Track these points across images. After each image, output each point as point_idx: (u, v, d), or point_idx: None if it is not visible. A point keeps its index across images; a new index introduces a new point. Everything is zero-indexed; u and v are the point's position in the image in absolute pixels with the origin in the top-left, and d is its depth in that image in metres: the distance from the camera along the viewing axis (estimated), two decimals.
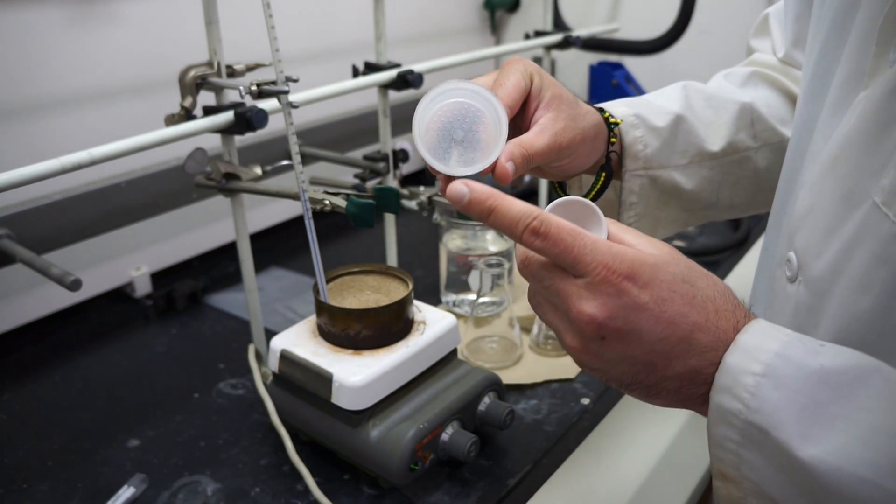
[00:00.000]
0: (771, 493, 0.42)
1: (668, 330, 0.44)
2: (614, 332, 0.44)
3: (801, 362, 0.42)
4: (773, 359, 0.42)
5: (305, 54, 1.33)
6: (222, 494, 0.74)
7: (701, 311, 0.44)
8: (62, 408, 0.90)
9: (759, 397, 0.41)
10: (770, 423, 0.41)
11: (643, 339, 0.44)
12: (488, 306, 1.00)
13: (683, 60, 1.66)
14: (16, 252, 0.79)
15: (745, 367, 0.42)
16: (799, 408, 0.40)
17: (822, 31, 0.57)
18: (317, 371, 0.73)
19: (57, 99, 1.00)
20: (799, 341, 0.43)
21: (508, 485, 0.74)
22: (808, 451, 0.39)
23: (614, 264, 0.43)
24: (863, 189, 0.46)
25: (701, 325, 0.44)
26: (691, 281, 0.44)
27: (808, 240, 0.51)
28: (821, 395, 0.40)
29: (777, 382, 0.41)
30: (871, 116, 0.46)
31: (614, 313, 0.44)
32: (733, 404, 0.42)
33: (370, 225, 0.74)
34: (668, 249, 0.46)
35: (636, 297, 0.43)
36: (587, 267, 0.44)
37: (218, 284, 1.19)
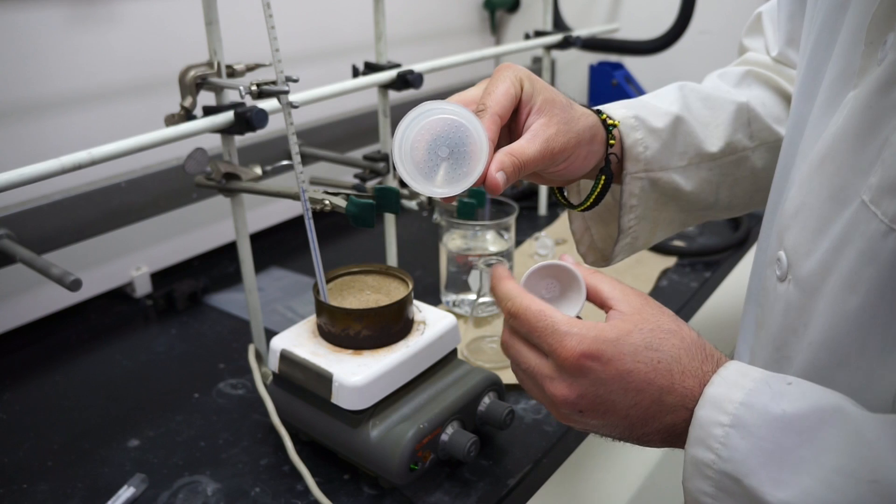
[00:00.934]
0: None
1: (638, 397, 0.47)
2: (589, 407, 0.48)
3: (765, 409, 0.43)
4: (738, 408, 0.44)
5: (305, 54, 1.33)
6: (222, 494, 0.74)
7: (665, 376, 0.47)
8: (62, 408, 0.90)
9: (729, 447, 0.43)
10: (741, 470, 0.43)
11: (617, 408, 0.48)
12: (488, 306, 1.00)
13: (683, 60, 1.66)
14: (16, 252, 0.79)
15: (714, 418, 0.44)
16: (766, 454, 0.42)
17: (814, 31, 0.57)
18: (317, 371, 0.73)
19: (57, 99, 1.00)
20: (766, 385, 0.45)
21: (508, 485, 0.74)
22: (777, 497, 0.41)
23: (576, 346, 0.47)
24: (851, 188, 0.46)
25: (667, 388, 0.47)
26: (655, 346, 0.47)
27: (797, 239, 0.51)
28: (786, 441, 0.42)
29: (743, 431, 0.43)
30: (860, 115, 0.46)
31: (584, 391, 0.47)
32: (706, 455, 0.44)
33: (370, 225, 0.74)
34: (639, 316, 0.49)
35: (601, 374, 0.47)
36: (551, 348, 0.48)
37: (218, 284, 1.19)
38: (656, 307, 0.50)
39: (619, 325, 0.48)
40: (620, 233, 0.69)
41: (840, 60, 0.51)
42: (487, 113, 0.54)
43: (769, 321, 0.55)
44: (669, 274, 1.17)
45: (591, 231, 0.75)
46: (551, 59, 1.44)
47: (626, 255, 0.72)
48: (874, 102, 0.45)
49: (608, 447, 0.81)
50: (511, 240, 1.08)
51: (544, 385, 0.50)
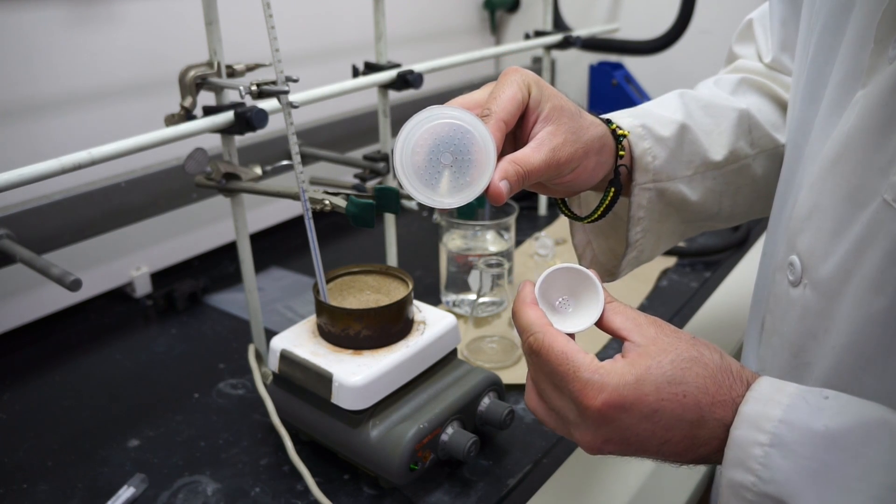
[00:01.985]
0: None
1: (668, 435, 0.45)
2: (616, 450, 0.47)
3: (806, 426, 0.41)
4: (777, 427, 0.42)
5: (305, 54, 1.33)
6: (222, 494, 0.74)
7: (694, 410, 0.44)
8: (62, 408, 0.90)
9: (770, 468, 0.41)
10: (785, 492, 0.41)
11: (647, 447, 0.46)
12: (488, 306, 1.00)
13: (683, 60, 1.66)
14: (16, 252, 0.79)
15: (752, 438, 0.43)
16: (811, 474, 0.40)
17: (815, 34, 0.56)
18: (317, 371, 0.73)
19: (57, 99, 1.00)
20: (802, 400, 0.43)
21: (508, 485, 0.74)
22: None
23: (597, 395, 0.45)
24: (869, 187, 0.45)
25: (698, 422, 0.45)
26: (678, 379, 0.45)
27: (812, 242, 0.50)
28: (831, 459, 0.40)
29: (785, 451, 0.41)
30: (873, 114, 0.45)
31: (609, 437, 0.46)
32: (745, 477, 0.42)
33: (370, 225, 0.74)
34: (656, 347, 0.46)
35: (626, 421, 0.45)
36: (573, 396, 0.46)
37: (218, 284, 1.19)
38: (672, 333, 0.48)
39: (637, 362, 0.45)
40: (627, 246, 0.67)
41: (847, 61, 0.50)
42: (492, 118, 0.51)
43: (783, 327, 0.55)
44: (669, 274, 1.17)
45: (592, 245, 0.72)
46: (551, 59, 1.44)
47: (632, 268, 0.70)
48: (889, 100, 0.44)
49: None
50: (511, 240, 1.08)
51: (570, 430, 0.48)
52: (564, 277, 0.52)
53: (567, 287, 0.52)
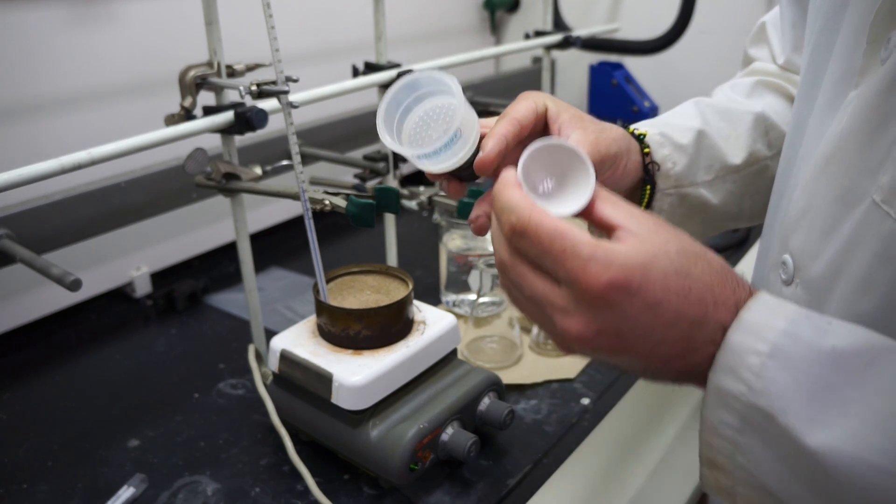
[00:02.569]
0: (766, 482, 0.40)
1: (667, 333, 0.41)
2: (605, 347, 0.42)
3: (811, 342, 0.39)
4: (780, 337, 0.39)
5: (305, 54, 1.33)
6: (222, 494, 0.74)
7: (698, 307, 0.40)
8: (62, 408, 0.90)
9: (765, 379, 0.39)
10: (775, 407, 0.38)
11: (638, 346, 0.42)
12: (488, 306, 1.00)
13: (683, 60, 1.66)
14: (16, 252, 0.79)
15: (750, 346, 0.39)
16: (808, 392, 0.38)
17: (814, 34, 0.57)
18: (317, 371, 0.73)
19: (57, 99, 1.00)
20: (807, 318, 0.40)
21: (508, 485, 0.74)
22: (817, 438, 0.37)
23: (600, 272, 0.39)
24: (860, 188, 0.45)
25: (699, 322, 0.41)
26: (685, 272, 0.41)
27: (804, 241, 0.51)
28: (832, 379, 0.38)
29: (785, 363, 0.39)
30: (865, 114, 0.45)
31: (604, 327, 0.41)
32: (735, 386, 0.40)
33: (370, 225, 0.74)
34: (659, 237, 0.42)
35: (627, 309, 0.40)
36: (570, 275, 0.40)
37: (218, 284, 1.19)
38: (669, 226, 0.43)
39: (642, 248, 0.40)
40: None
41: (840, 61, 0.50)
42: (506, 118, 0.52)
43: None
44: None
45: None
46: (551, 59, 1.44)
47: None
48: (881, 101, 0.44)
49: (608, 447, 0.81)
50: None
51: (554, 318, 0.42)
52: (549, 157, 0.46)
53: (552, 169, 0.47)
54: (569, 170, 0.46)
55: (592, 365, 0.94)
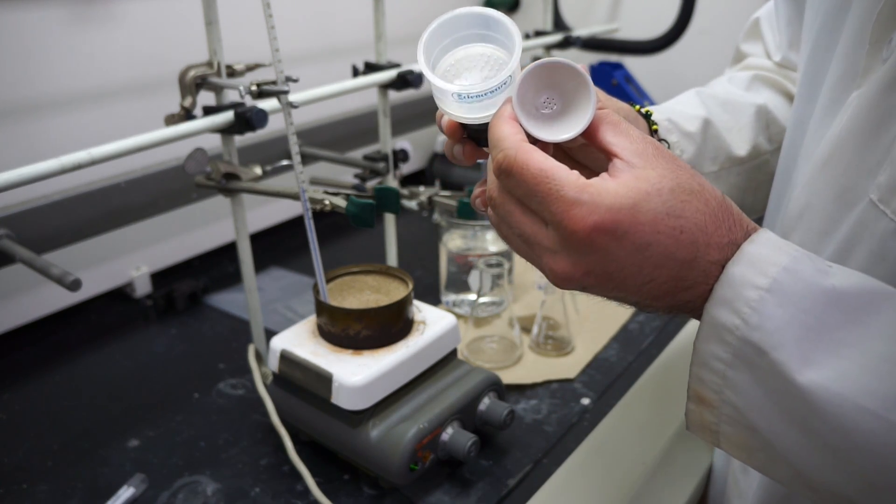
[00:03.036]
0: (753, 419, 0.39)
1: (655, 273, 0.40)
2: (595, 283, 0.41)
3: (812, 280, 0.38)
4: (780, 273, 0.38)
5: (305, 54, 1.33)
6: (222, 494, 0.74)
7: (689, 248, 0.39)
8: (62, 408, 0.90)
9: (761, 313, 0.38)
10: (769, 342, 0.38)
11: (627, 284, 0.41)
12: (488, 306, 1.00)
13: (683, 60, 1.66)
14: (16, 252, 0.79)
15: (750, 279, 0.39)
16: (803, 329, 0.37)
17: (813, 32, 0.57)
18: (317, 371, 0.73)
19: (57, 99, 1.00)
20: (808, 258, 0.40)
21: (508, 485, 0.74)
22: (808, 376, 0.36)
23: (586, 217, 0.39)
24: (858, 188, 0.45)
25: (689, 263, 0.40)
26: (677, 212, 0.39)
27: (802, 241, 0.51)
28: (829, 318, 0.37)
29: (783, 299, 0.38)
30: (865, 114, 0.46)
31: (591, 268, 0.40)
32: (730, 319, 0.39)
33: (370, 225, 0.74)
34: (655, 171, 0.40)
35: (614, 250, 0.39)
36: (555, 218, 0.40)
37: (218, 284, 1.19)
38: (670, 157, 0.42)
39: (633, 186, 0.39)
40: None
41: (842, 61, 0.51)
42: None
43: None
44: None
45: None
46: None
47: None
48: (880, 101, 0.44)
49: (609, 447, 0.81)
50: None
51: (543, 257, 0.42)
52: (551, 77, 0.44)
53: (553, 86, 0.44)
54: (572, 92, 0.43)
55: (592, 365, 0.94)
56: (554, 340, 0.96)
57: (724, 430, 0.41)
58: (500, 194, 0.43)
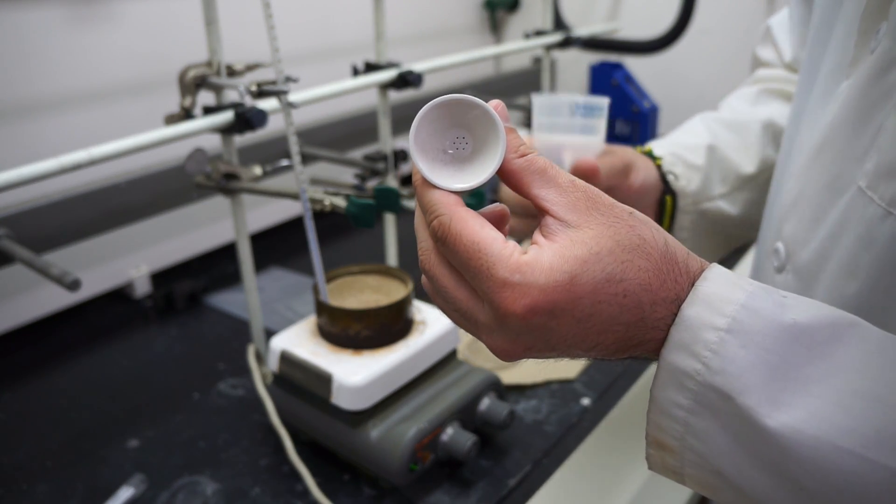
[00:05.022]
0: (719, 465, 0.38)
1: (600, 338, 0.38)
2: (537, 355, 0.39)
3: (772, 316, 0.36)
4: (739, 311, 0.36)
5: (305, 54, 1.33)
6: (222, 495, 0.74)
7: (634, 311, 0.37)
8: (62, 408, 0.90)
9: (723, 356, 0.36)
10: (734, 386, 0.36)
11: (573, 352, 0.39)
12: None
13: (683, 60, 1.66)
14: (15, 252, 0.79)
15: (707, 320, 0.36)
16: (768, 369, 0.35)
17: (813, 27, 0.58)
18: (317, 371, 0.73)
19: (56, 99, 1.00)
20: (764, 291, 0.38)
21: (508, 485, 0.74)
22: (778, 419, 0.35)
23: (518, 300, 0.36)
24: (847, 175, 0.46)
25: (635, 324, 0.38)
26: (619, 276, 0.37)
27: (795, 229, 0.51)
28: (793, 355, 0.35)
29: (744, 339, 0.36)
30: (854, 104, 0.46)
31: (531, 344, 0.38)
32: (690, 363, 0.37)
33: (370, 225, 0.74)
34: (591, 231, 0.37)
35: (554, 328, 0.37)
36: (487, 295, 0.37)
37: (218, 284, 1.18)
38: (605, 208, 0.38)
39: (569, 255, 0.37)
40: None
41: (835, 53, 0.52)
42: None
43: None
44: None
45: None
46: (551, 59, 1.44)
47: None
48: (868, 90, 0.45)
49: (608, 447, 0.81)
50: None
51: (480, 334, 0.40)
52: (458, 114, 0.39)
53: (463, 125, 0.40)
54: (482, 132, 0.39)
55: (593, 365, 0.94)
56: None
57: (688, 472, 0.40)
58: (435, 258, 0.40)
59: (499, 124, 0.38)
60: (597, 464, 0.79)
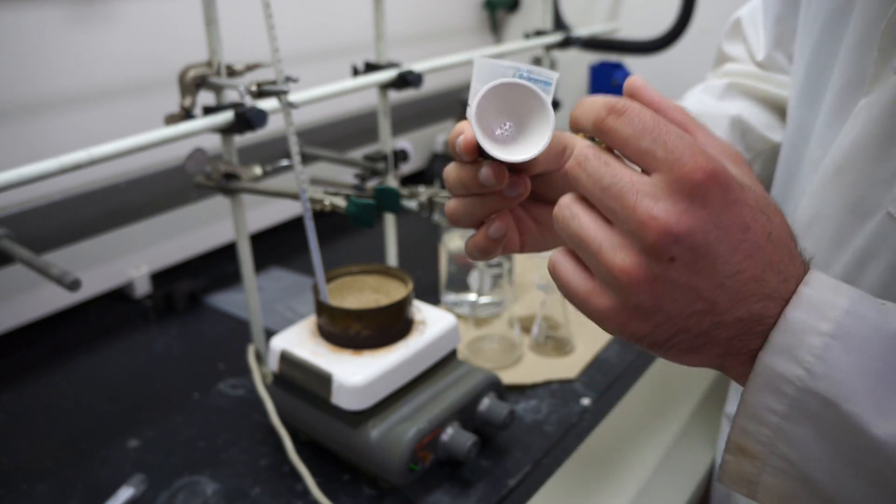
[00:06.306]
0: (811, 473, 0.37)
1: (745, 263, 0.36)
2: (689, 252, 0.35)
3: (877, 323, 0.35)
4: (843, 317, 0.35)
5: (305, 54, 1.33)
6: (222, 495, 0.74)
7: (774, 250, 0.36)
8: (62, 408, 0.90)
9: (827, 362, 0.35)
10: (838, 393, 0.35)
11: (717, 268, 0.35)
12: (488, 306, 1.00)
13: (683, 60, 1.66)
14: (15, 252, 0.79)
15: (812, 324, 0.35)
16: (874, 377, 0.35)
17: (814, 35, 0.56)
18: (316, 371, 0.73)
19: (56, 99, 1.00)
20: (867, 299, 0.37)
21: (508, 485, 0.74)
22: (885, 428, 0.34)
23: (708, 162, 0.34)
24: (873, 199, 0.45)
25: (774, 265, 0.36)
26: (769, 213, 0.37)
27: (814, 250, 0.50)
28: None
29: (849, 345, 0.35)
30: (877, 125, 0.45)
31: (695, 226, 0.34)
32: (791, 368, 0.36)
33: (370, 225, 0.74)
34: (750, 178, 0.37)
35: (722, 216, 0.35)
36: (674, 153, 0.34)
37: (218, 284, 1.18)
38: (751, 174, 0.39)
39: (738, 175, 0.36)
40: None
41: (848, 67, 0.50)
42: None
43: None
44: None
45: None
46: (551, 59, 1.44)
47: None
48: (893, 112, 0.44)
49: (608, 447, 0.81)
50: None
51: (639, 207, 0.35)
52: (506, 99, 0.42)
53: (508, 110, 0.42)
54: (527, 114, 0.42)
55: (593, 365, 0.94)
56: (554, 340, 0.96)
57: (764, 480, 0.39)
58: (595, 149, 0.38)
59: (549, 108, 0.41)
60: (597, 464, 0.79)
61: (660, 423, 0.85)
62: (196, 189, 0.86)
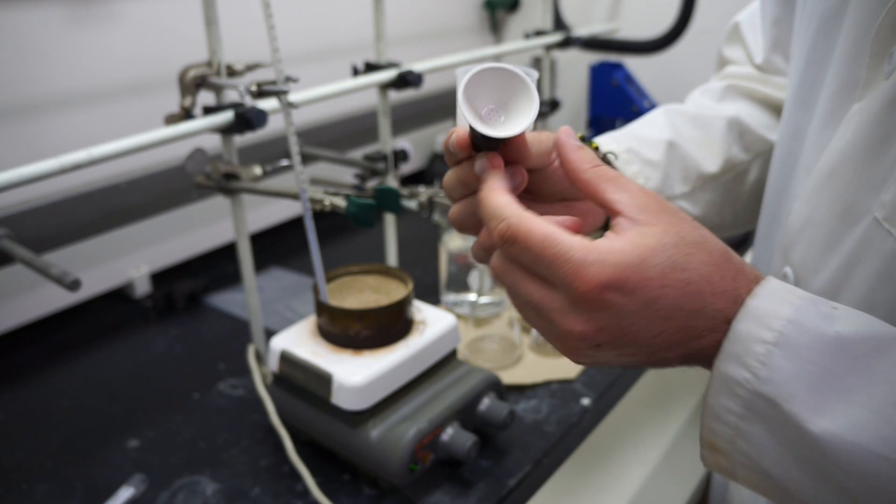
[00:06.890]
0: (767, 467, 0.40)
1: (664, 325, 0.41)
2: (607, 340, 0.41)
3: (816, 330, 0.39)
4: (785, 326, 0.39)
5: (305, 54, 1.33)
6: (222, 495, 0.74)
7: (695, 299, 0.40)
8: (62, 408, 0.90)
9: (770, 367, 0.39)
10: (780, 394, 0.39)
11: (639, 339, 0.41)
12: (488, 306, 1.00)
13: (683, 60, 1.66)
14: (15, 252, 0.79)
15: (756, 334, 0.40)
16: (813, 379, 0.38)
17: (808, 37, 0.56)
18: (316, 371, 0.73)
19: (56, 99, 1.00)
20: (812, 304, 0.40)
21: (508, 485, 0.74)
22: (821, 425, 0.38)
23: (595, 276, 0.39)
24: (862, 204, 0.45)
25: (697, 313, 0.40)
26: (683, 265, 0.40)
27: (805, 255, 0.50)
28: (836, 366, 0.38)
29: (790, 352, 0.39)
30: (868, 130, 0.45)
31: (602, 325, 0.41)
32: (741, 373, 0.40)
33: (370, 225, 0.74)
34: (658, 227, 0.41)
35: (624, 306, 0.40)
36: (564, 280, 0.40)
37: (218, 284, 1.18)
38: (671, 211, 0.43)
39: (639, 243, 0.40)
40: None
41: (841, 71, 0.50)
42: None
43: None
44: None
45: None
46: (551, 59, 1.44)
47: None
48: (884, 118, 0.44)
49: (608, 447, 0.81)
50: None
51: (554, 320, 0.42)
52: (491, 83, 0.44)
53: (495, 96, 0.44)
54: (513, 96, 0.44)
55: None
56: None
57: (739, 472, 0.42)
58: (503, 263, 0.43)
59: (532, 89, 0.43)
60: (597, 464, 0.79)
61: (660, 423, 0.85)
62: (196, 189, 0.86)
